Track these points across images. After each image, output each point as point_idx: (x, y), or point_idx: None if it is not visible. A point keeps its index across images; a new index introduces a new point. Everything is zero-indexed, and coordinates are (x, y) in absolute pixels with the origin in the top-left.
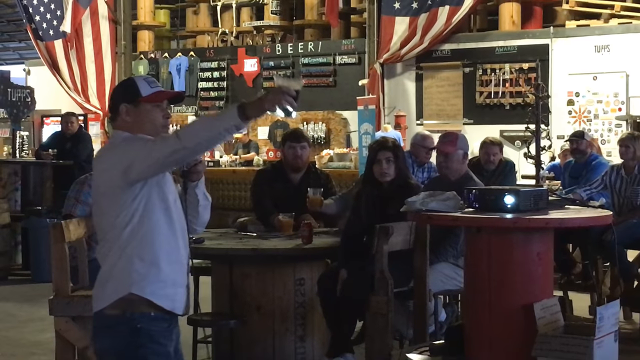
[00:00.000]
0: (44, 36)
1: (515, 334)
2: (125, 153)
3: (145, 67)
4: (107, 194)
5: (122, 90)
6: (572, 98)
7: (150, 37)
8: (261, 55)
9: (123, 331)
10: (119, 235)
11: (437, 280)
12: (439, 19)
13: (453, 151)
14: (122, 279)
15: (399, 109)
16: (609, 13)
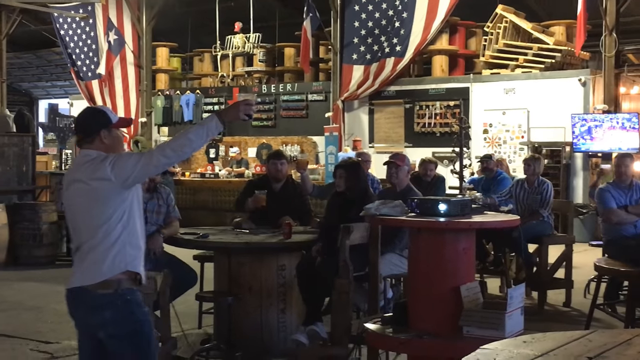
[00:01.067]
0: (84, 77)
1: (446, 309)
2: (123, 167)
3: (162, 101)
4: (102, 198)
5: (99, 117)
6: (486, 128)
7: (166, 79)
8: (251, 93)
9: (118, 304)
10: (114, 228)
11: (386, 266)
12: (386, 67)
13: (402, 165)
14: (118, 260)
15: (356, 135)
16: (515, 64)
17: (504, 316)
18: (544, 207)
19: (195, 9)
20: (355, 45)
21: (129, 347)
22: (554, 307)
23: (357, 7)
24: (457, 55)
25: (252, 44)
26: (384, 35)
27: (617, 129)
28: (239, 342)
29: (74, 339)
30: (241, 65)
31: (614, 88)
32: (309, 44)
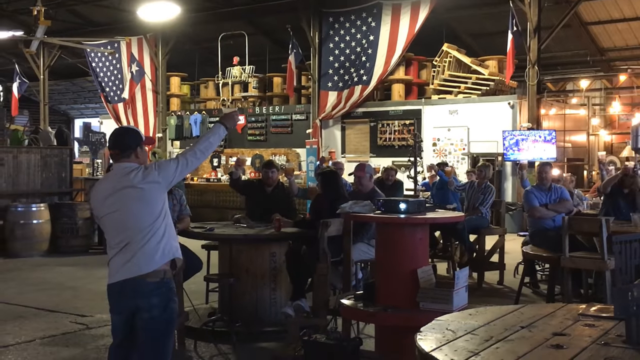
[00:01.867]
0: (111, 100)
1: (406, 287)
2: (167, 171)
3: (175, 120)
4: (152, 199)
5: (137, 137)
6: (435, 142)
7: (178, 102)
8: (246, 113)
9: (164, 291)
10: (161, 223)
11: (357, 253)
12: (355, 93)
13: (363, 174)
14: (167, 251)
15: (331, 147)
16: (457, 91)
17: (452, 293)
18: (484, 205)
19: (201, 46)
20: (330, 75)
21: (164, 328)
22: (490, 285)
23: (332, 45)
24: (412, 84)
25: (247, 74)
26: (353, 68)
27: (538, 142)
28: (238, 314)
29: (105, 313)
30: (238, 91)
31: (536, 110)
32: (293, 74)
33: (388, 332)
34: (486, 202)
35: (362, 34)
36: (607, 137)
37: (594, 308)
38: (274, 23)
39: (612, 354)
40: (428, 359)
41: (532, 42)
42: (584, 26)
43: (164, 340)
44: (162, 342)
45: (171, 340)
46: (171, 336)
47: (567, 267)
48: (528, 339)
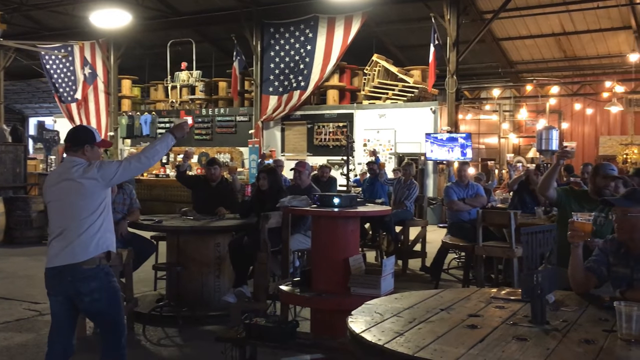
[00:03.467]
0: (65, 100)
1: (339, 274)
2: (107, 170)
3: (126, 120)
4: (87, 194)
5: (87, 134)
6: (366, 142)
7: (129, 103)
8: (193, 114)
9: (101, 276)
10: (97, 217)
11: (295, 243)
12: (294, 97)
13: (303, 170)
14: (102, 242)
15: (272, 146)
16: (386, 97)
17: (380, 279)
18: (408, 199)
19: (151, 52)
20: (271, 81)
21: (110, 307)
22: (413, 271)
23: (273, 53)
24: (345, 90)
25: (195, 78)
26: (292, 74)
27: (456, 144)
28: (185, 300)
29: None
30: (186, 94)
31: (455, 115)
32: (237, 79)
33: (322, 315)
34: (410, 196)
35: (300, 44)
36: (515, 140)
37: (504, 291)
38: (219, 32)
39: (519, 332)
40: (358, 339)
41: (451, 55)
42: (496, 41)
43: (114, 317)
44: (113, 318)
45: (120, 313)
46: (119, 310)
47: (480, 254)
48: (447, 320)
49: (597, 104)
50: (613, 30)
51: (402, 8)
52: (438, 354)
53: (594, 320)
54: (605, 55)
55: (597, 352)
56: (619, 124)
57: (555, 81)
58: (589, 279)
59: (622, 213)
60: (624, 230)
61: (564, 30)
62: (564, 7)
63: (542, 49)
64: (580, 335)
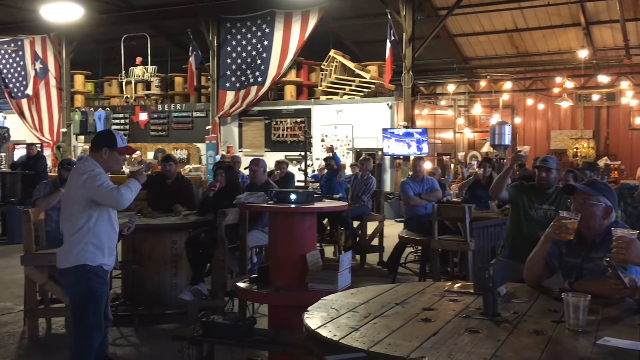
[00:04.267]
0: (15, 96)
1: (296, 270)
2: (91, 188)
3: (79, 116)
4: (78, 201)
5: (107, 138)
6: (324, 138)
7: (82, 99)
8: (149, 111)
9: (82, 283)
10: (82, 227)
11: (253, 240)
12: (252, 93)
13: (258, 168)
14: (81, 255)
15: (229, 142)
16: (343, 92)
17: (338, 274)
18: (366, 194)
19: (105, 46)
20: (228, 77)
21: (78, 302)
22: (371, 265)
23: (230, 49)
24: (303, 85)
25: (150, 74)
26: (249, 70)
27: (413, 139)
28: (141, 299)
29: (9, 302)
30: (142, 90)
31: (411, 110)
32: (194, 75)
33: (280, 311)
34: (368, 192)
35: (257, 39)
36: (470, 135)
37: (457, 285)
38: (175, 27)
39: (471, 325)
40: (314, 335)
41: (407, 51)
42: (451, 38)
43: (78, 312)
44: (77, 314)
45: (83, 314)
46: (86, 308)
47: (436, 249)
48: (402, 314)
49: (548, 100)
50: (563, 27)
51: (359, 4)
52: (392, 348)
53: (544, 311)
54: (556, 51)
55: (546, 343)
56: (570, 119)
57: (509, 77)
58: (541, 271)
59: (582, 200)
60: (582, 218)
61: (517, 27)
62: (516, 5)
63: (495, 46)
64: (530, 327)
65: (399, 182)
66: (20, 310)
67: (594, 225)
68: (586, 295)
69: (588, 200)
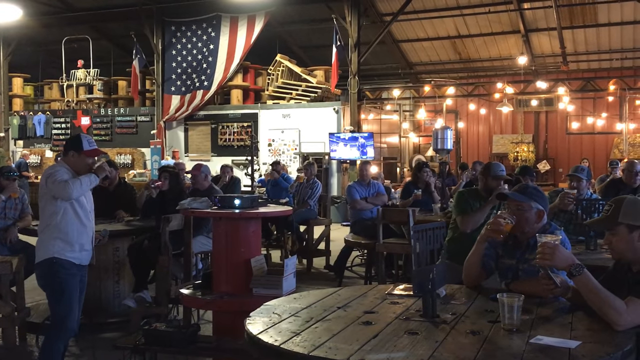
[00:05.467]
0: None
1: (241, 276)
2: (50, 184)
3: (18, 120)
4: (45, 200)
5: (73, 142)
6: (270, 142)
7: (21, 102)
8: (92, 114)
9: (51, 275)
10: (50, 224)
11: (197, 245)
12: (197, 97)
13: (198, 173)
14: (49, 248)
15: (175, 147)
16: (289, 97)
17: (282, 279)
18: (312, 198)
19: (45, 48)
20: (173, 80)
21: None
22: (318, 269)
23: (174, 52)
24: (249, 89)
25: (92, 76)
26: (195, 73)
27: (358, 143)
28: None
29: None
30: (83, 93)
31: (357, 115)
32: (137, 78)
33: (225, 317)
34: (314, 196)
35: (202, 43)
36: (415, 139)
37: (399, 287)
38: (118, 29)
39: (411, 327)
40: (256, 341)
41: (353, 56)
42: (396, 43)
43: (51, 302)
44: (51, 303)
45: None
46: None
47: (380, 251)
48: (343, 317)
49: (489, 104)
50: (503, 34)
51: (305, 9)
52: (332, 351)
53: (481, 311)
54: (496, 57)
55: (481, 342)
56: (510, 124)
57: (452, 82)
58: (478, 273)
59: (515, 207)
60: (517, 224)
61: (459, 34)
62: (458, 12)
63: (439, 51)
64: (467, 327)
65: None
66: None
67: (528, 229)
68: (520, 295)
69: (520, 207)
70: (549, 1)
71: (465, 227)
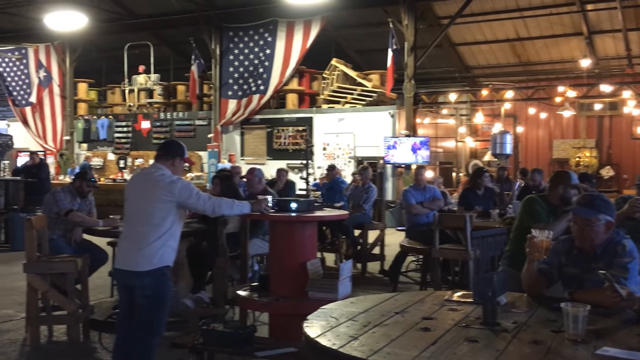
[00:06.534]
0: (19, 104)
1: (297, 279)
2: (182, 190)
3: (82, 124)
4: (158, 205)
5: (180, 149)
6: (325, 146)
7: (85, 107)
8: (151, 118)
9: (162, 283)
10: (166, 231)
11: (253, 248)
12: (253, 101)
13: (252, 177)
14: (165, 257)
15: (231, 150)
16: (345, 101)
17: (338, 283)
18: (367, 203)
19: (108, 55)
20: (230, 85)
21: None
22: (372, 274)
23: (232, 57)
24: (304, 94)
25: (153, 82)
26: (252, 78)
27: (414, 148)
28: None
29: (10, 308)
30: (144, 98)
31: (412, 119)
32: (195, 83)
33: (280, 319)
34: (369, 200)
35: (259, 48)
36: (472, 143)
37: (457, 294)
38: (177, 35)
39: (471, 334)
40: (313, 344)
41: (409, 59)
42: (453, 46)
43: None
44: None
45: (158, 315)
46: (158, 311)
47: (436, 257)
48: (401, 323)
49: (550, 108)
50: (565, 37)
51: (361, 13)
52: (391, 357)
53: (543, 321)
54: (558, 60)
55: (545, 352)
56: (572, 128)
57: (510, 86)
58: (540, 281)
59: (582, 222)
60: (585, 238)
61: (519, 36)
62: (518, 14)
63: (497, 54)
64: (529, 336)
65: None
66: (22, 317)
67: (597, 241)
68: (585, 305)
69: (588, 222)
70: (613, 2)
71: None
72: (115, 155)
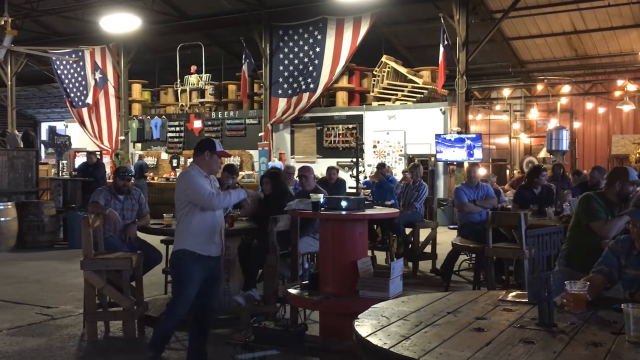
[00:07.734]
0: (76, 105)
1: (347, 277)
2: (195, 191)
3: (136, 124)
4: (180, 199)
5: (208, 143)
6: (375, 144)
7: (139, 107)
8: (203, 118)
9: (176, 265)
10: (182, 219)
11: (304, 246)
12: (303, 99)
13: (309, 175)
14: (180, 241)
15: (281, 149)
16: (395, 98)
17: (389, 282)
18: (418, 201)
19: (161, 56)
20: (280, 83)
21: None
22: (424, 273)
23: (282, 55)
24: (354, 91)
25: (204, 81)
26: (301, 76)
27: (466, 145)
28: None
29: (69, 304)
30: (196, 97)
31: (465, 115)
32: (246, 82)
33: (331, 318)
34: (420, 198)
35: (309, 46)
36: (526, 140)
37: (512, 294)
38: (228, 35)
39: (526, 335)
40: (364, 343)
41: (460, 55)
42: (506, 41)
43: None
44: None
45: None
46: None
47: (490, 256)
48: (453, 323)
49: (609, 103)
50: (624, 29)
51: (411, 9)
52: (443, 357)
53: (602, 322)
54: (616, 53)
55: (604, 355)
56: (632, 123)
57: (567, 80)
58: (600, 282)
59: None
60: None
61: (575, 29)
62: (574, 6)
63: (552, 48)
64: (588, 338)
65: (452, 188)
66: (80, 313)
67: None
68: None
69: None
70: None
71: (608, 233)
72: (168, 154)
